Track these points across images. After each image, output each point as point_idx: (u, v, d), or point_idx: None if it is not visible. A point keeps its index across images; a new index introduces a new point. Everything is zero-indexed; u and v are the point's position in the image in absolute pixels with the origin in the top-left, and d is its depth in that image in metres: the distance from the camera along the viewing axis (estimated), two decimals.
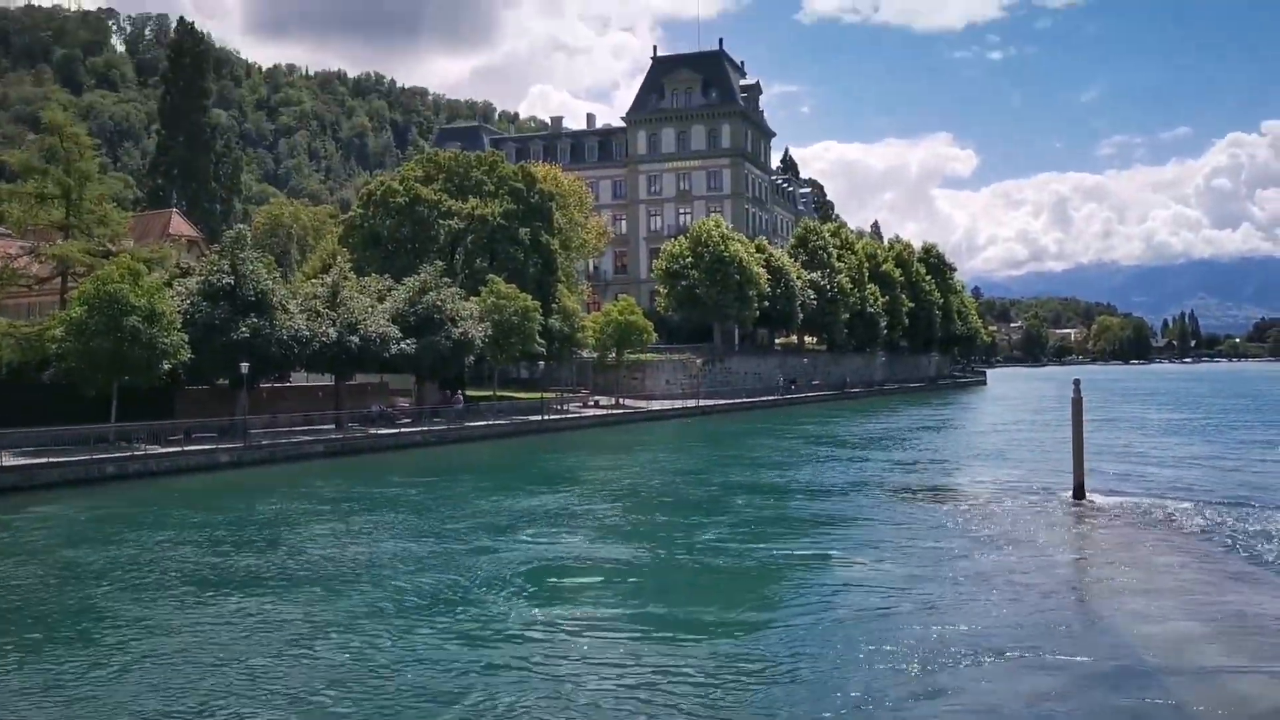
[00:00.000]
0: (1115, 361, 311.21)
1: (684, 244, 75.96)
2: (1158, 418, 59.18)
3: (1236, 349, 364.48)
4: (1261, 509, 24.11)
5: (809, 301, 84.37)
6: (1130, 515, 23.71)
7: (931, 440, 46.69)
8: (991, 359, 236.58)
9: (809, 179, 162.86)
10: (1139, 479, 30.33)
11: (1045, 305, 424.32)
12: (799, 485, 30.54)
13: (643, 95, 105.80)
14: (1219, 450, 39.32)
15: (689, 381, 72.34)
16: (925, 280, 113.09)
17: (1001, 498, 26.83)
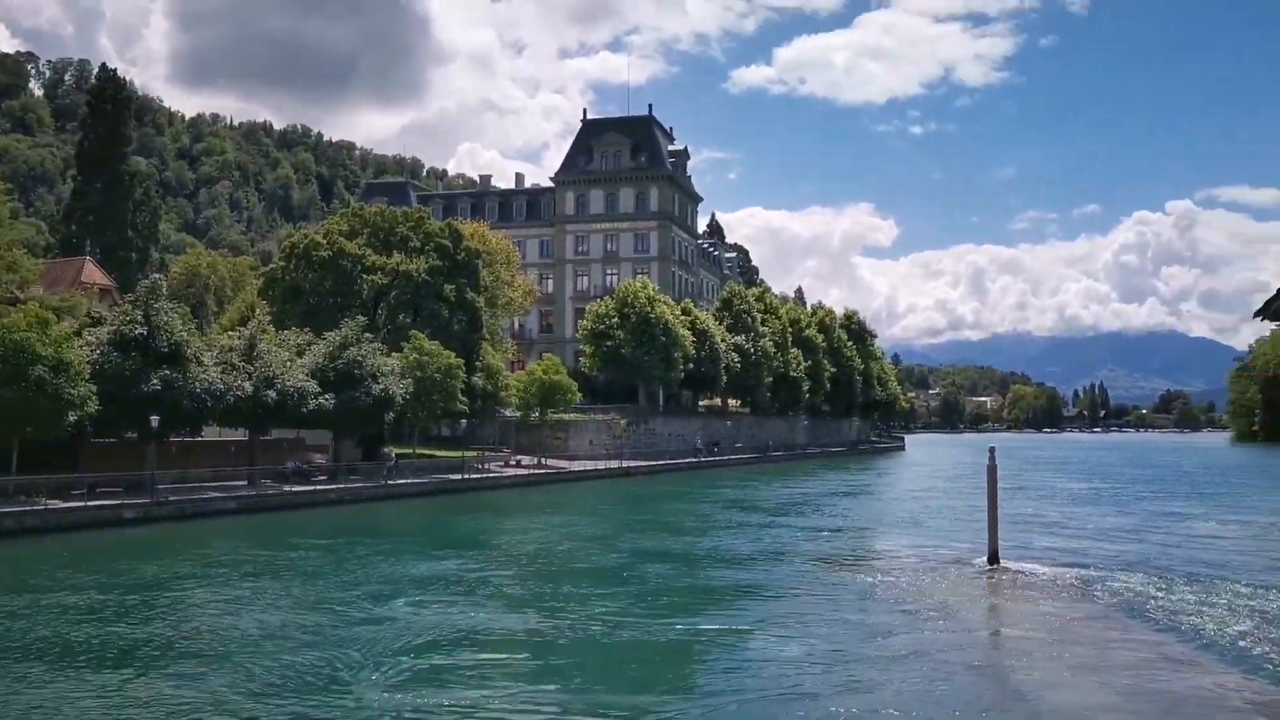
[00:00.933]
0: (1029, 430, 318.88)
1: (610, 304, 76.22)
2: (1070, 487, 60.44)
3: (1143, 419, 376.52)
4: (1169, 579, 24.55)
5: (733, 364, 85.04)
6: (1043, 583, 23.97)
7: (850, 506, 46.95)
8: (910, 425, 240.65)
9: (735, 244, 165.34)
10: (1052, 547, 30.74)
11: (962, 373, 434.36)
12: (715, 553, 29.85)
13: (572, 156, 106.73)
14: (1129, 520, 40.15)
15: (612, 442, 72.10)
16: (847, 346, 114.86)
17: (919, 565, 26.92)
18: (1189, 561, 27.73)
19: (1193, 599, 21.60)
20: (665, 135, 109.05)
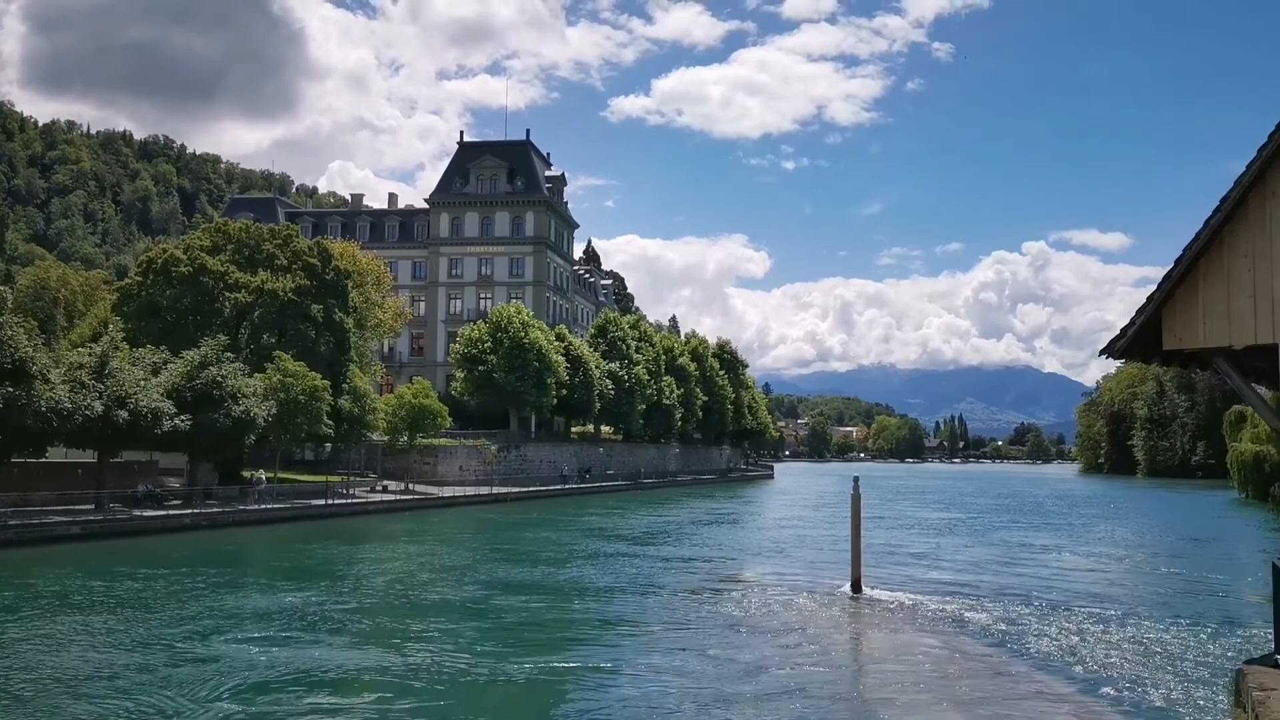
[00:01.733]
0: (893, 459, 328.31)
1: (484, 329, 75.52)
2: (930, 516, 62.23)
3: (999, 451, 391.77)
4: (1022, 606, 25.42)
5: (606, 391, 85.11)
6: (904, 610, 24.49)
7: (718, 535, 47.17)
8: (779, 453, 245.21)
9: (611, 271, 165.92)
10: (913, 575, 31.52)
11: (830, 404, 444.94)
12: (578, 584, 29.06)
13: (447, 178, 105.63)
14: (986, 549, 41.51)
15: (483, 468, 71.17)
16: (719, 375, 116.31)
17: (784, 595, 27.12)
18: (1040, 589, 28.74)
19: (1042, 626, 22.37)
20: (543, 160, 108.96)
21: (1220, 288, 12.92)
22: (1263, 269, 12.56)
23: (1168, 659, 18.89)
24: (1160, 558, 39.51)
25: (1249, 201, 12.70)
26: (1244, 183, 12.60)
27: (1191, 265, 13.07)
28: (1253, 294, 12.64)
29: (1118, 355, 14.37)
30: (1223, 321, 12.90)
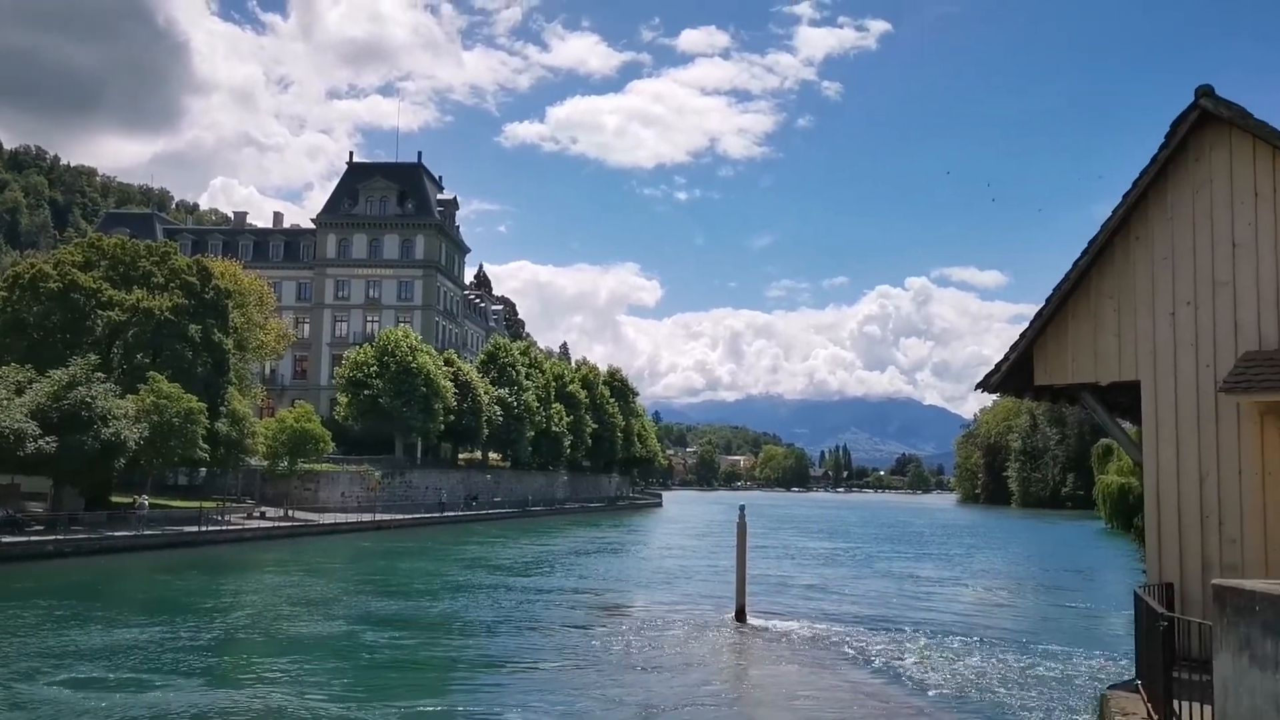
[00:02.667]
0: (779, 488, 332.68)
1: (370, 352, 74.13)
2: (815, 546, 63.10)
3: (881, 481, 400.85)
4: (901, 633, 25.89)
5: (495, 418, 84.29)
6: (787, 638, 24.70)
7: (604, 564, 46.83)
8: (668, 482, 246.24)
9: (502, 296, 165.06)
10: (797, 604, 31.82)
11: (718, 433, 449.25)
12: (454, 618, 27.60)
13: (336, 199, 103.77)
14: (867, 577, 42.27)
15: (366, 494, 69.58)
16: (609, 403, 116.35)
17: (669, 624, 27.04)
18: (919, 618, 29.30)
19: (919, 653, 22.78)
20: (434, 183, 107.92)
21: (1087, 326, 13.42)
22: (1126, 309, 13.08)
23: (1038, 685, 19.40)
24: (1032, 587, 40.78)
25: (1114, 245, 13.24)
26: (1110, 227, 13.13)
27: (1061, 305, 13.55)
28: (1117, 333, 13.15)
29: (992, 390, 14.78)
30: (1089, 359, 13.38)
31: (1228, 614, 6.61)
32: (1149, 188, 12.90)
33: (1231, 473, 12.01)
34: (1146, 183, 12.85)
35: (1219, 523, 12.03)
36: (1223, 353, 12.22)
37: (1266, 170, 12.12)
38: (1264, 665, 6.05)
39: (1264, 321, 12.00)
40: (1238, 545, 11.84)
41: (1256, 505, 11.75)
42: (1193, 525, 12.24)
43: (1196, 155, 12.65)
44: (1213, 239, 12.46)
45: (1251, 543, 11.76)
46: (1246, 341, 12.07)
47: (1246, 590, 6.45)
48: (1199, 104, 12.35)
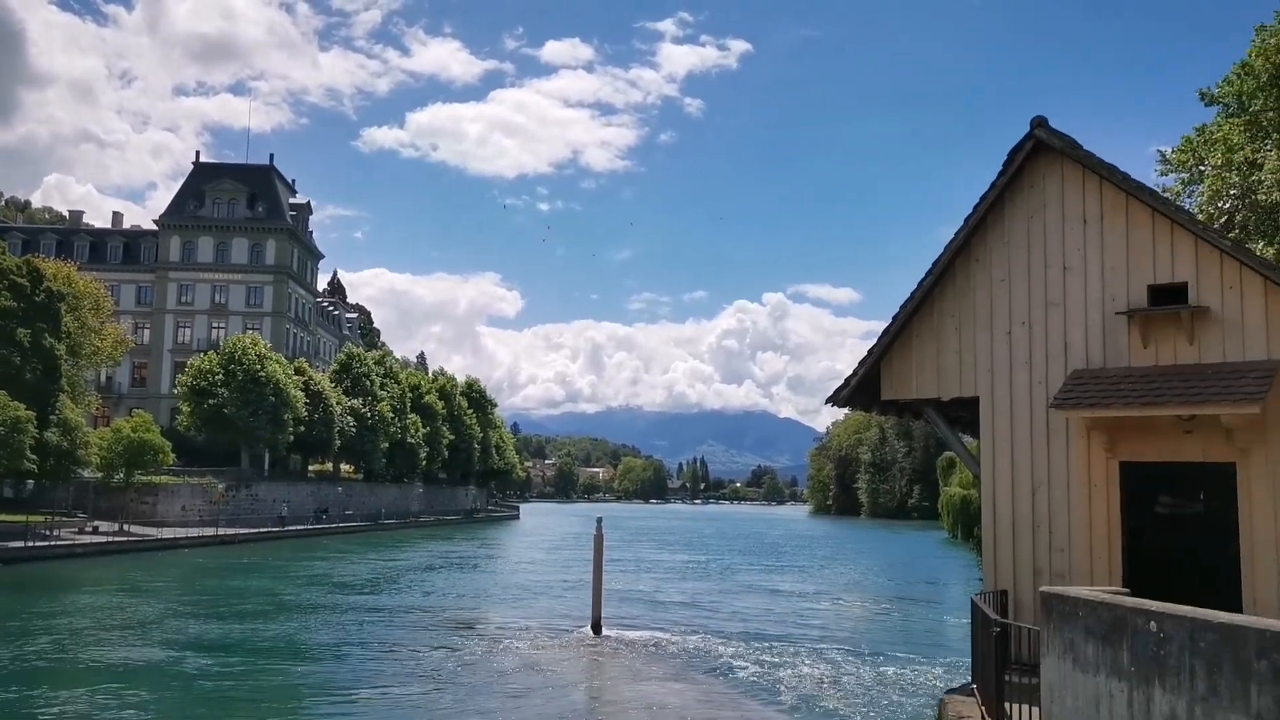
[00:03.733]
0: (638, 500, 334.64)
1: (215, 360, 71.28)
2: (672, 558, 63.65)
3: (738, 492, 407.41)
4: (754, 643, 26.31)
5: (348, 429, 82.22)
6: (642, 649, 24.81)
7: (457, 579, 45.90)
8: (526, 494, 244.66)
9: (357, 304, 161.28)
10: (653, 616, 32.00)
11: (578, 444, 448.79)
12: (291, 639, 25.85)
13: (180, 200, 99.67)
14: (722, 589, 42.86)
15: (209, 508, 66.76)
16: (467, 414, 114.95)
17: (524, 638, 26.82)
18: (771, 627, 29.86)
19: (770, 662, 23.20)
20: (287, 187, 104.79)
21: (930, 344, 13.92)
22: (967, 328, 13.63)
23: (883, 690, 20.00)
24: (880, 596, 42.06)
25: (956, 266, 13.79)
26: (952, 249, 13.67)
27: (906, 323, 14.03)
28: (958, 350, 13.69)
29: (841, 404, 15.19)
30: (932, 375, 13.89)
31: (1053, 619, 6.93)
32: (988, 212, 13.50)
33: (1061, 485, 12.62)
34: (986, 208, 13.44)
35: (1049, 532, 12.63)
36: (1054, 370, 12.85)
37: (1094, 198, 12.83)
38: (1085, 668, 6.35)
39: (1091, 341, 12.69)
40: (1066, 554, 12.45)
41: (1083, 516, 12.38)
42: (1025, 535, 12.82)
43: (1031, 182, 13.30)
44: (1045, 262, 13.11)
45: (1078, 551, 12.38)
46: (1075, 360, 12.73)
47: (1070, 596, 6.77)
48: (1034, 134, 12.99)
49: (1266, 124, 40.46)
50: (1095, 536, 12.27)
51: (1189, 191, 44.80)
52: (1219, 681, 5.01)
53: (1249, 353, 11.58)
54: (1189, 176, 45.46)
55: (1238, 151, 41.14)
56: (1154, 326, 12.22)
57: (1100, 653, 6.16)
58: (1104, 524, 12.22)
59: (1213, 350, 11.83)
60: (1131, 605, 5.99)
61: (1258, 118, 41.18)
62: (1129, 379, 12.03)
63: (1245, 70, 42.59)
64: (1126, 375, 12.12)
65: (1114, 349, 12.49)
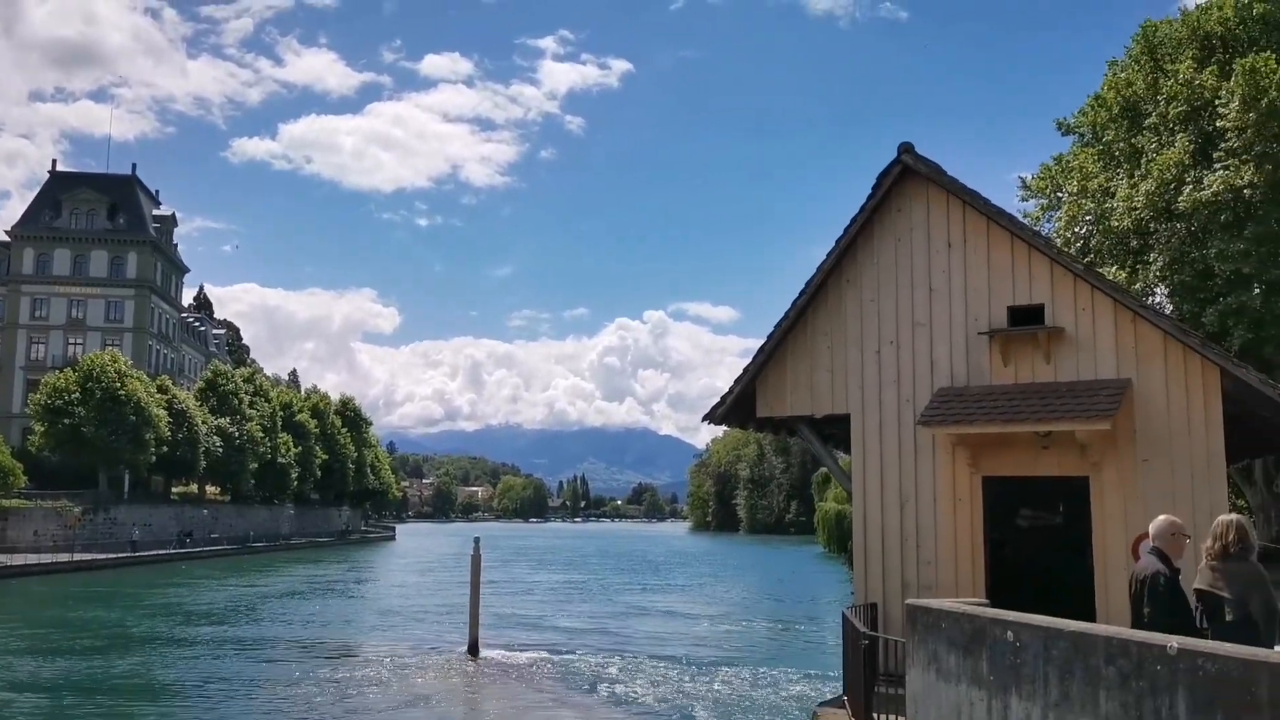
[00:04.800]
0: (517, 519, 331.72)
1: (72, 377, 67.98)
2: (551, 577, 63.27)
3: (618, 510, 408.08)
4: (632, 660, 26.32)
5: (214, 448, 79.38)
6: (520, 670, 24.57)
7: (328, 604, 44.07)
8: (403, 514, 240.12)
9: (225, 320, 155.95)
10: (530, 636, 31.71)
11: (456, 463, 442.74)
12: (135, 678, 23.63)
13: (35, 210, 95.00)
14: (601, 608, 42.77)
15: (64, 532, 63.46)
16: (341, 433, 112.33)
17: (397, 661, 26.27)
18: (649, 645, 29.93)
19: (648, 679, 23.24)
20: (150, 197, 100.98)
21: (804, 362, 14.19)
22: (839, 347, 13.94)
23: (759, 704, 20.22)
24: (757, 611, 42.59)
25: (828, 287, 14.10)
26: (824, 270, 13.98)
27: (781, 341, 14.27)
28: (830, 368, 13.99)
29: (718, 421, 15.34)
30: (806, 392, 14.16)
31: (918, 631, 7.10)
32: (858, 234, 13.85)
33: (928, 499, 12.99)
34: (856, 230, 13.79)
35: (916, 546, 12.98)
36: (921, 388, 13.24)
37: (958, 222, 13.30)
38: (948, 678, 6.52)
39: (955, 360, 13.12)
40: (933, 567, 12.81)
41: (949, 529, 12.77)
42: (894, 548, 13.14)
43: (899, 206, 13.71)
44: (912, 283, 13.51)
45: (944, 564, 12.75)
46: (941, 378, 13.14)
47: (933, 608, 6.95)
48: (901, 159, 13.40)
49: (1118, 154, 42.73)
50: (960, 549, 12.65)
51: (1048, 217, 46.96)
52: (1070, 688, 5.20)
53: (1100, 371, 12.14)
54: (1048, 202, 47.69)
55: (1092, 179, 43.35)
56: (1013, 346, 12.71)
57: (961, 663, 6.34)
58: (968, 537, 12.61)
59: (1067, 369, 12.36)
60: (990, 616, 6.18)
61: (1110, 148, 43.49)
62: (990, 397, 12.47)
63: (1098, 102, 44.96)
64: (988, 393, 12.57)
65: (976, 368, 12.94)
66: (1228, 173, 35.46)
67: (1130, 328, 12.10)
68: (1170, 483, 11.57)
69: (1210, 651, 4.41)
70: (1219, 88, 37.13)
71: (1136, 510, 11.38)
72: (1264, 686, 4.05)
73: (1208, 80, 37.95)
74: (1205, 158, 37.44)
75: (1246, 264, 35.20)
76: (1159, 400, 11.80)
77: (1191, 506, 10.97)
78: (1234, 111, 35.79)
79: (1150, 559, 6.68)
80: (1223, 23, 40.76)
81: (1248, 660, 4.18)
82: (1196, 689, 4.38)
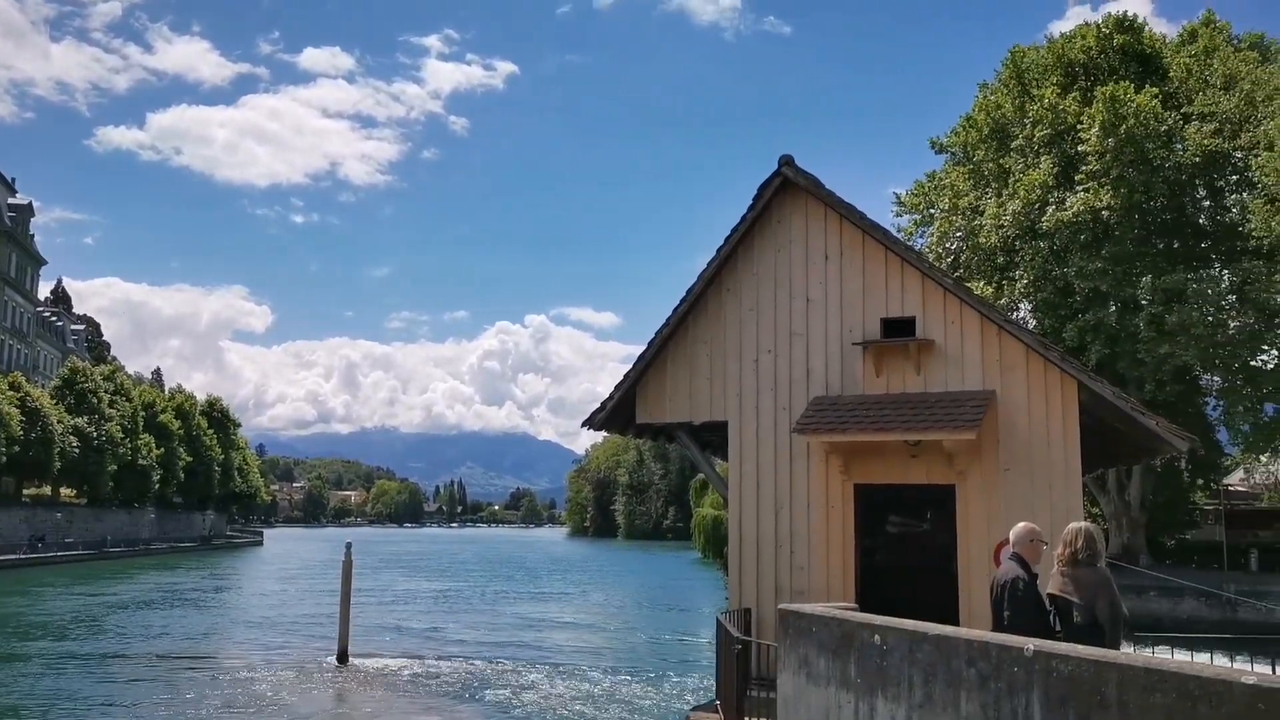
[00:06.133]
0: (392, 524, 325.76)
1: None
2: (425, 583, 62.28)
3: (496, 515, 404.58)
4: (506, 666, 26.11)
5: (70, 449, 75.67)
6: (391, 677, 24.10)
7: (186, 614, 41.64)
8: (272, 519, 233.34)
9: (85, 315, 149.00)
10: (402, 643, 31.13)
11: (329, 466, 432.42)
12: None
13: None
14: (477, 613, 42.35)
15: None
16: (207, 434, 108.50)
17: (265, 667, 25.52)
18: (525, 651, 29.74)
19: (522, 686, 23.09)
20: (6, 185, 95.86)
21: (684, 369, 14.31)
22: (718, 355, 14.10)
23: (631, 709, 20.28)
24: (633, 616, 42.75)
25: (708, 295, 14.25)
26: (705, 278, 14.12)
27: (661, 348, 14.36)
28: (709, 376, 14.13)
29: (597, 427, 15.33)
30: (685, 399, 14.27)
31: (790, 635, 7.22)
32: (739, 244, 14.04)
33: (802, 505, 13.24)
34: (737, 239, 13.97)
35: (790, 551, 13.20)
36: (797, 397, 13.48)
37: (835, 235, 13.60)
38: (817, 681, 6.64)
39: (830, 369, 13.41)
40: (806, 572, 13.04)
41: (821, 535, 13.03)
42: (769, 554, 13.34)
43: (779, 218, 13.94)
44: (790, 294, 13.76)
45: (817, 569, 13.00)
46: (816, 387, 13.41)
47: (805, 613, 7.07)
48: (781, 172, 13.64)
49: (987, 173, 44.41)
50: (832, 555, 12.92)
51: (921, 232, 48.49)
52: (934, 689, 5.35)
53: (967, 383, 12.57)
54: (921, 218, 49.22)
55: (962, 197, 44.94)
56: (886, 357, 13.06)
57: (830, 666, 6.46)
58: (840, 543, 12.89)
59: (936, 380, 12.76)
60: (859, 620, 6.32)
61: (980, 167, 45.16)
62: (863, 406, 12.79)
63: (969, 123, 46.64)
64: (861, 402, 12.88)
65: (850, 377, 13.24)
66: (1088, 195, 37.31)
67: (996, 341, 12.55)
68: (1030, 491, 12.04)
69: (1064, 653, 4.59)
70: (1081, 113, 39.05)
71: (998, 517, 11.79)
72: (1113, 686, 4.23)
73: (1071, 106, 39.87)
74: (1067, 180, 39.30)
75: (1103, 282, 37.07)
76: (1021, 412, 12.28)
77: (1050, 514, 11.42)
78: (1094, 137, 37.69)
79: (1010, 564, 6.94)
80: (1085, 51, 42.91)
81: (1099, 661, 4.36)
82: (1051, 689, 4.56)
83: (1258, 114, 36.97)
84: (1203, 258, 41.06)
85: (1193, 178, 38.83)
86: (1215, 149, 37.54)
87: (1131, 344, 36.97)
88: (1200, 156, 37.26)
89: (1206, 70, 40.19)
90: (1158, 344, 35.75)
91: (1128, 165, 36.74)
